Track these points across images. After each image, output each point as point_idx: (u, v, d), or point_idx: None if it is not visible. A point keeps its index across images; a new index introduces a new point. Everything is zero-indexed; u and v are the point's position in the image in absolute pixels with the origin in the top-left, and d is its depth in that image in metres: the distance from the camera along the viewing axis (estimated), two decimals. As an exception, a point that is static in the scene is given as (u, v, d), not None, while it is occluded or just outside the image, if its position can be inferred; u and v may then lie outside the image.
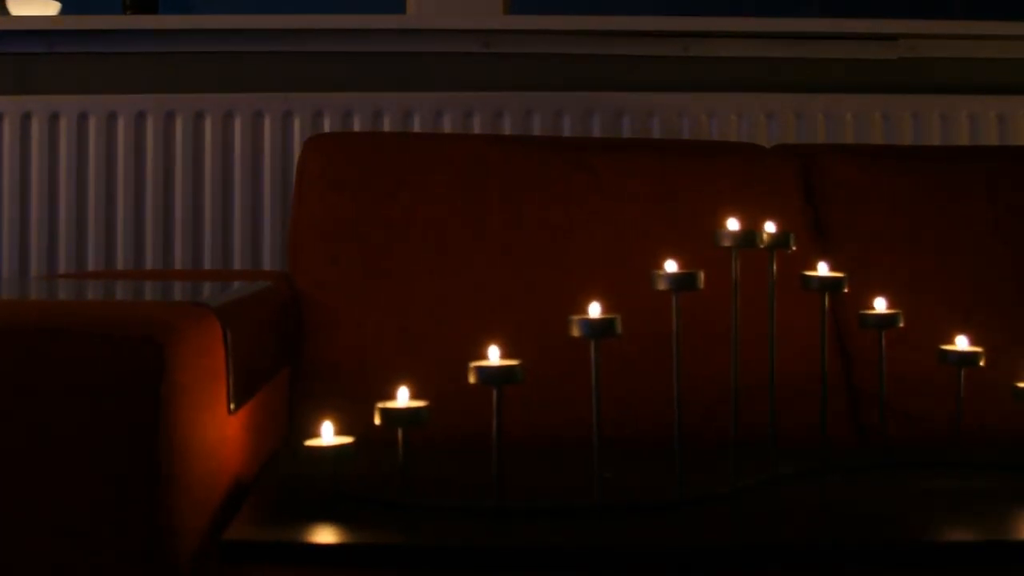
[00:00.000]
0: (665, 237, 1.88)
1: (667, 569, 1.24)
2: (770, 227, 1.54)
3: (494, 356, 1.38)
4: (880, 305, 1.65)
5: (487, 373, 1.35)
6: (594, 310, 1.38)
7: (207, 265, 2.58)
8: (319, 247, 1.95)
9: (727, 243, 1.49)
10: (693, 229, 1.53)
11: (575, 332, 1.36)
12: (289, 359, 1.85)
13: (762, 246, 1.50)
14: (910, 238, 2.03)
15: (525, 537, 1.29)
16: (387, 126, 2.58)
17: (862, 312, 1.65)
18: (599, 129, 2.59)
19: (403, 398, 1.41)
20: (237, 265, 2.57)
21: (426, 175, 2.00)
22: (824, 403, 1.60)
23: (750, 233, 1.49)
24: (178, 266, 2.58)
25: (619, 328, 1.37)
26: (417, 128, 2.58)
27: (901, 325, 1.62)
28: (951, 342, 1.65)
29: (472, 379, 1.35)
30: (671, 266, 1.44)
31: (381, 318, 1.88)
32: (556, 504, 1.37)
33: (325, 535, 1.27)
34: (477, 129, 2.58)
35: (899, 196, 2.07)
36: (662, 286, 1.41)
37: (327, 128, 2.58)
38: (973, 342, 1.65)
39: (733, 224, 1.50)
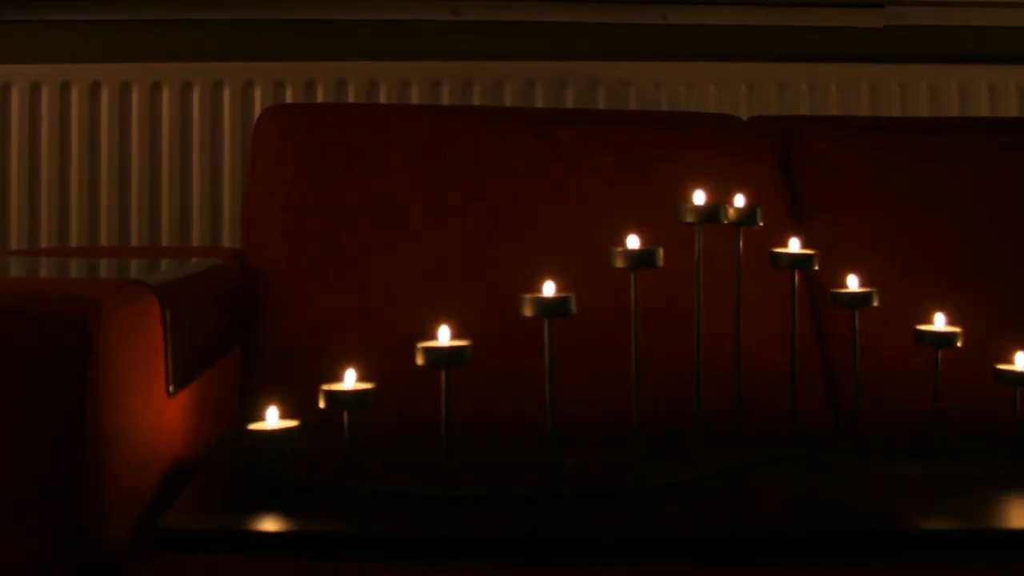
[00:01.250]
0: (631, 212, 1.86)
1: (622, 558, 1.23)
2: (739, 201, 1.53)
3: (443, 336, 1.37)
4: (853, 283, 1.64)
5: (434, 354, 1.35)
6: (548, 289, 1.37)
7: (165, 242, 2.57)
8: (273, 223, 1.94)
9: (690, 218, 1.48)
10: (661, 204, 1.52)
11: (528, 311, 1.36)
12: (241, 339, 1.85)
13: (727, 221, 1.49)
14: (891, 213, 2.03)
15: (475, 524, 1.28)
16: (351, 96, 2.57)
17: (834, 291, 1.65)
18: (572, 100, 2.58)
19: (349, 380, 1.41)
20: (195, 242, 2.56)
21: (385, 147, 1.99)
22: (794, 387, 1.60)
23: (714, 208, 1.48)
24: (134, 243, 2.57)
25: (573, 307, 1.36)
26: (383, 99, 2.57)
27: (875, 304, 1.62)
28: (932, 322, 1.64)
29: (419, 361, 1.35)
30: (632, 242, 1.43)
31: (337, 296, 1.87)
32: (508, 490, 1.37)
33: (265, 522, 1.27)
34: (445, 100, 2.57)
35: (880, 169, 2.07)
36: (620, 263, 1.41)
37: (289, 99, 2.57)
38: (956, 322, 1.65)
39: (698, 198, 1.49)
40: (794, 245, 1.59)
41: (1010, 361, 1.62)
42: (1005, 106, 2.63)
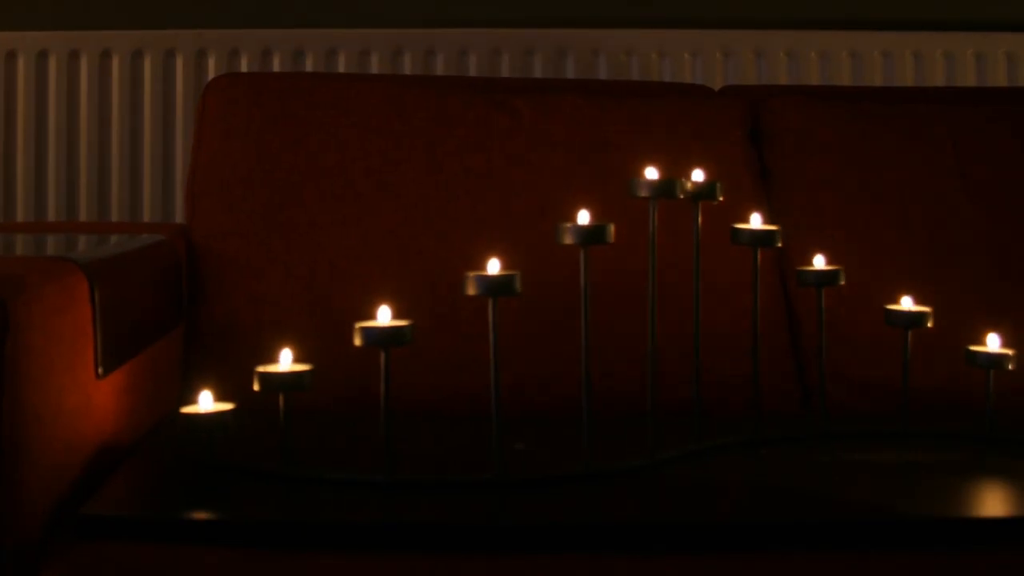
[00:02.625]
0: (593, 186, 1.87)
1: (569, 547, 1.23)
2: (697, 175, 1.53)
3: (383, 316, 1.37)
4: (819, 261, 1.64)
5: (373, 335, 1.34)
6: (492, 266, 1.37)
7: (115, 217, 2.56)
8: (218, 197, 1.94)
9: (643, 193, 1.47)
10: (624, 177, 1.51)
11: (471, 290, 1.36)
12: (183, 318, 1.84)
13: (682, 196, 1.49)
14: (866, 187, 2.02)
15: (413, 513, 1.28)
16: (309, 66, 2.56)
17: (800, 268, 1.65)
18: (540, 69, 2.57)
19: (285, 361, 1.40)
20: (147, 217, 2.56)
21: (336, 118, 1.99)
22: (756, 370, 1.60)
23: (669, 182, 1.47)
24: (83, 217, 2.56)
25: (518, 286, 1.36)
26: (342, 68, 2.56)
27: (842, 283, 1.62)
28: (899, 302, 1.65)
29: (357, 341, 1.35)
30: (582, 217, 1.43)
31: (283, 273, 1.87)
32: (450, 478, 1.37)
33: (191, 510, 1.27)
34: (407, 69, 2.56)
35: (854, 142, 2.06)
36: (568, 240, 1.40)
37: (244, 68, 2.56)
38: (931, 301, 1.65)
39: (652, 173, 1.49)
40: (756, 221, 1.58)
41: (984, 342, 1.62)
42: (993, 75, 2.63)
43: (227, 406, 1.41)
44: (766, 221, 1.76)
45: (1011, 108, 2.17)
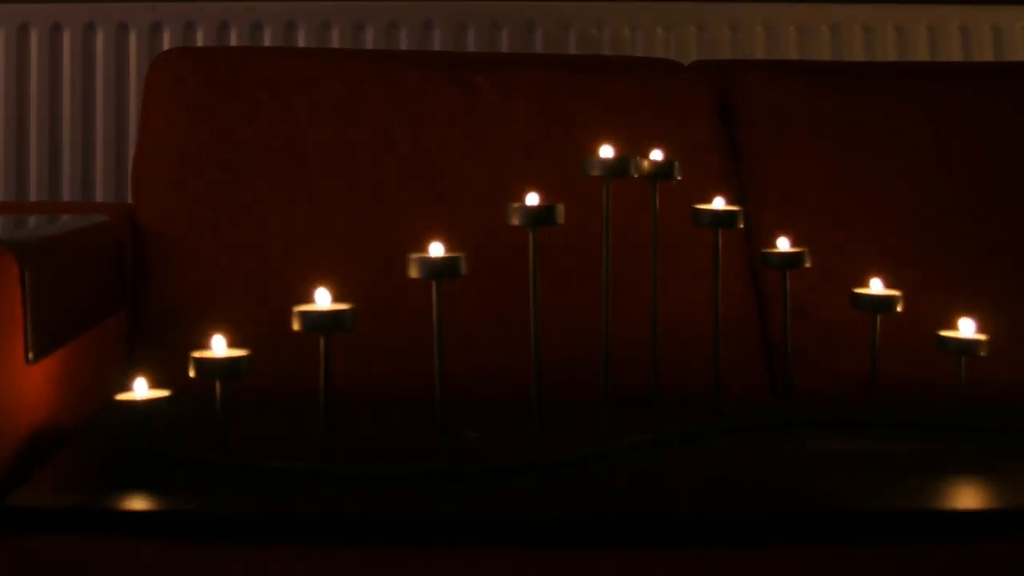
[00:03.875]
0: (554, 165, 1.86)
1: (517, 540, 1.23)
2: (655, 154, 1.53)
3: (322, 300, 1.37)
4: (784, 243, 1.64)
5: (312, 319, 1.35)
6: (436, 249, 1.37)
7: (67, 196, 2.56)
8: (165, 177, 1.94)
9: (596, 172, 1.48)
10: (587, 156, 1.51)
11: (413, 273, 1.36)
12: (126, 302, 1.84)
13: (637, 175, 1.49)
14: (839, 166, 2.02)
15: (353, 504, 1.28)
16: (268, 40, 2.56)
17: (764, 251, 1.65)
18: (508, 44, 2.57)
19: (219, 347, 1.40)
20: (100, 196, 2.55)
21: (289, 95, 1.98)
22: (717, 355, 1.60)
23: (623, 161, 1.47)
24: (34, 198, 2.56)
25: (463, 268, 1.36)
26: (302, 42, 2.56)
27: (808, 265, 1.62)
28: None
29: (296, 326, 1.35)
30: (531, 198, 1.43)
31: (231, 255, 1.87)
32: (391, 468, 1.37)
33: (125, 500, 1.27)
34: (369, 43, 2.55)
35: (828, 118, 2.06)
36: (516, 221, 1.41)
37: (201, 42, 2.55)
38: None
39: (606, 151, 1.49)
40: (718, 202, 1.59)
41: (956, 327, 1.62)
42: (978, 49, 2.63)
43: (163, 393, 1.40)
44: (733, 201, 1.76)
45: (992, 83, 2.17)
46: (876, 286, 1.64)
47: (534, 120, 1.98)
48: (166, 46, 2.54)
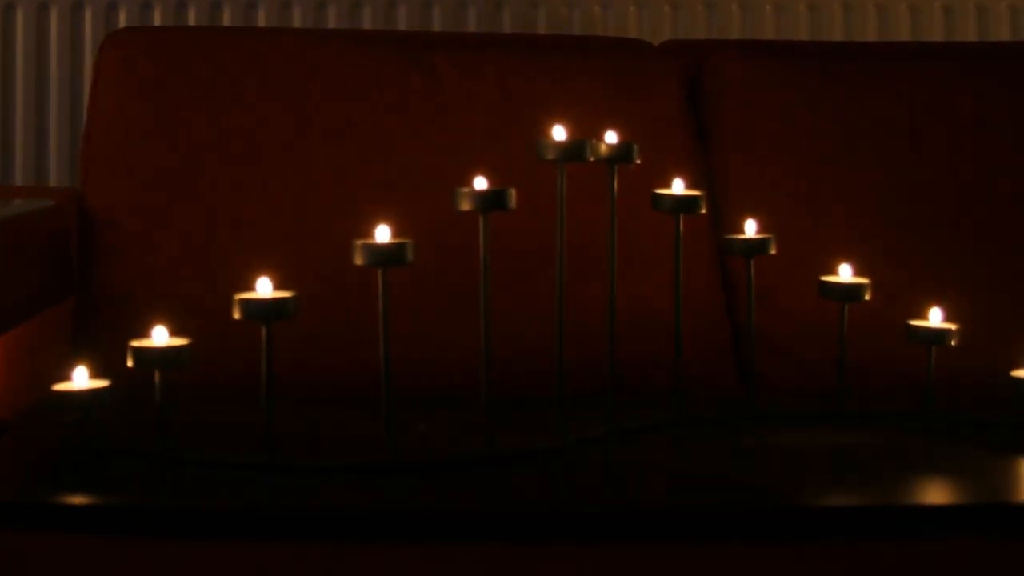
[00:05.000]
0: (515, 150, 1.86)
1: (463, 536, 1.24)
2: (610, 137, 1.53)
3: (264, 288, 1.37)
4: (750, 228, 1.64)
5: (253, 307, 1.35)
6: (382, 234, 1.38)
7: (19, 180, 2.56)
8: (113, 161, 1.94)
9: (550, 156, 1.48)
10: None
11: (358, 259, 1.36)
12: (73, 289, 1.84)
13: (593, 159, 1.49)
14: (811, 151, 2.03)
15: (295, 498, 1.29)
16: (227, 19, 2.56)
17: (727, 236, 1.66)
18: (475, 22, 2.57)
19: (160, 336, 1.41)
20: (53, 181, 2.56)
21: (242, 76, 1.98)
22: (678, 345, 1.60)
23: (579, 144, 1.48)
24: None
25: (410, 255, 1.36)
26: (261, 22, 2.55)
27: (773, 252, 1.62)
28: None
29: (236, 314, 1.35)
30: (480, 183, 1.43)
31: (181, 242, 1.87)
32: (335, 461, 1.37)
33: (61, 494, 1.27)
34: (332, 23, 2.55)
35: (800, 101, 2.06)
36: (466, 206, 1.41)
37: (157, 22, 2.55)
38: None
39: (559, 133, 1.49)
40: (678, 186, 1.59)
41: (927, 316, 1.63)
42: (962, 29, 2.63)
43: (103, 383, 1.40)
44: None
45: (974, 64, 2.17)
46: (845, 273, 1.64)
47: (497, 103, 1.98)
48: (88, 28, 2.54)
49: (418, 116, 1.97)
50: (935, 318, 1.62)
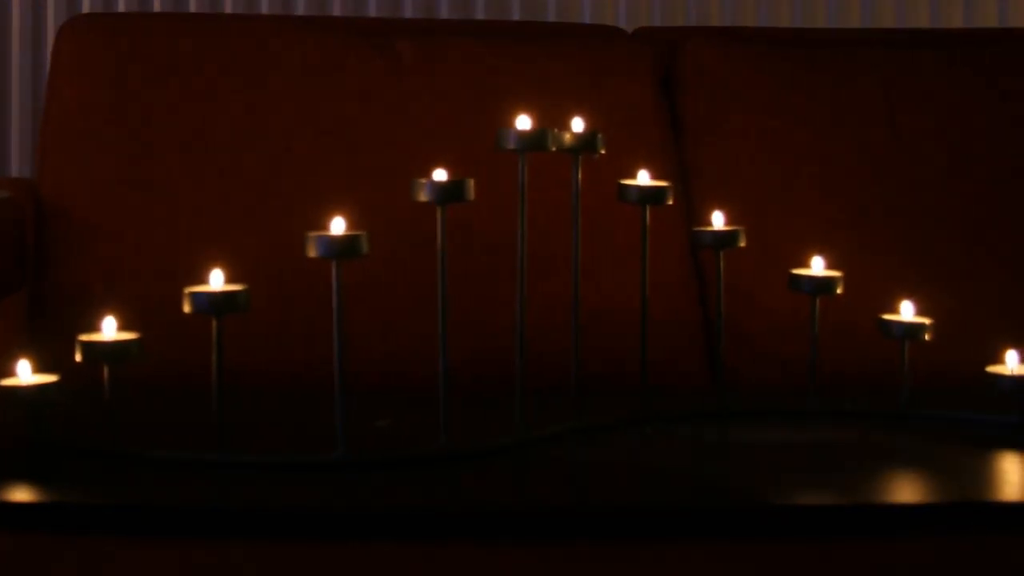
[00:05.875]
0: (480, 138, 1.86)
1: (407, 534, 1.24)
2: (576, 125, 1.53)
3: (215, 280, 1.38)
4: (718, 220, 1.64)
5: (203, 300, 1.35)
6: (336, 225, 1.38)
7: (-21, 171, 2.56)
8: (70, 150, 1.95)
9: (511, 145, 1.48)
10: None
11: (311, 251, 1.36)
12: (27, 282, 1.85)
13: (555, 148, 1.49)
14: (786, 140, 2.04)
15: (245, 495, 1.29)
16: (193, 6, 2.55)
17: (696, 229, 1.66)
18: (447, 9, 2.57)
19: (109, 330, 1.41)
20: (15, 171, 2.55)
21: (201, 64, 1.99)
22: (644, 340, 1.60)
23: (540, 133, 1.47)
24: (-55, 172, 2.56)
25: (364, 247, 1.36)
26: (229, 8, 2.55)
27: (742, 244, 1.62)
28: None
29: (186, 307, 1.35)
30: (439, 174, 1.43)
31: (137, 233, 1.88)
32: (288, 457, 1.37)
33: (6, 491, 1.27)
34: (300, 10, 2.55)
35: (775, 89, 2.07)
36: (423, 197, 1.41)
37: (123, 7, 2.54)
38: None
39: (523, 122, 1.49)
40: (643, 177, 1.59)
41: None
42: (948, 17, 2.63)
43: (51, 378, 1.41)
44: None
45: (954, 52, 2.18)
46: (817, 266, 1.64)
47: (461, 90, 1.99)
48: (51, 14, 2.53)
49: (381, 104, 1.98)
50: (908, 312, 1.62)
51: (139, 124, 1.93)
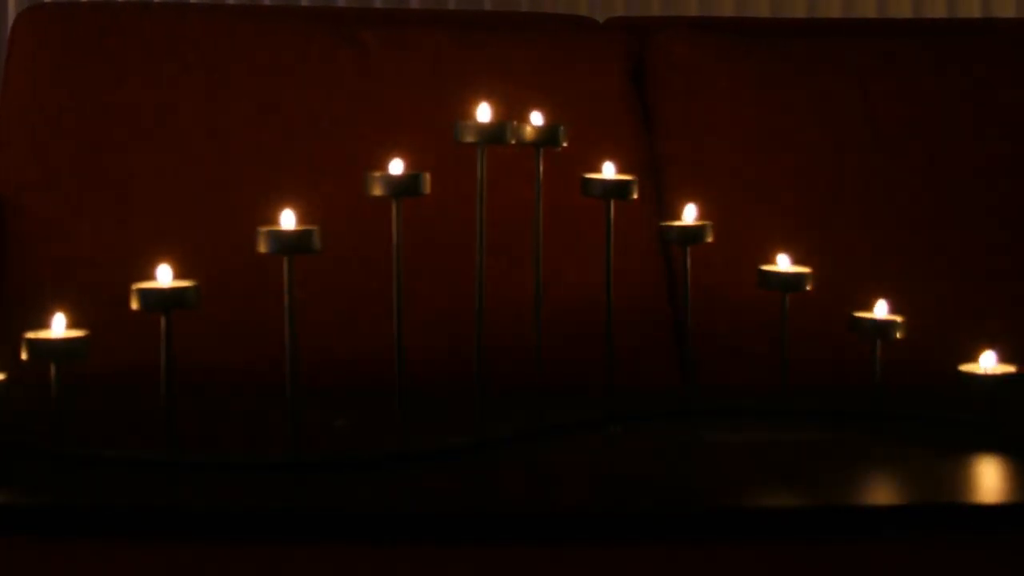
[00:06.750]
0: (445, 130, 1.86)
1: (367, 535, 1.24)
2: (536, 119, 1.54)
3: (164, 276, 1.38)
4: (689, 215, 1.65)
5: (151, 297, 1.35)
6: (287, 220, 1.38)
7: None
8: (26, 144, 1.95)
9: (470, 138, 1.48)
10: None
11: (262, 247, 1.37)
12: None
13: (515, 141, 1.50)
14: (760, 133, 2.04)
15: (193, 496, 1.30)
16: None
17: (663, 224, 1.66)
18: (419, -1, 2.58)
19: (58, 327, 1.41)
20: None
21: (162, 55, 1.99)
22: (609, 339, 1.61)
23: (500, 126, 1.48)
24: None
25: (317, 243, 1.37)
26: (198, -1, 2.55)
27: (710, 239, 1.63)
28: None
29: (134, 304, 1.36)
30: (395, 167, 1.44)
31: (94, 229, 1.88)
32: (235, 458, 1.38)
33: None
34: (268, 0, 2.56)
35: (748, 81, 2.07)
36: (378, 191, 1.42)
37: (49, -1, 2.55)
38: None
39: (483, 114, 1.50)
40: (608, 170, 1.59)
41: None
42: (930, 5, 2.64)
43: (-2, 375, 1.41)
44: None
45: (934, 43, 2.18)
46: (783, 263, 1.64)
47: (427, 81, 1.99)
48: (11, 2, 2.53)
49: (345, 95, 1.98)
50: (880, 310, 1.62)
51: (95, 117, 1.93)
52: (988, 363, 1.56)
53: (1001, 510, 1.31)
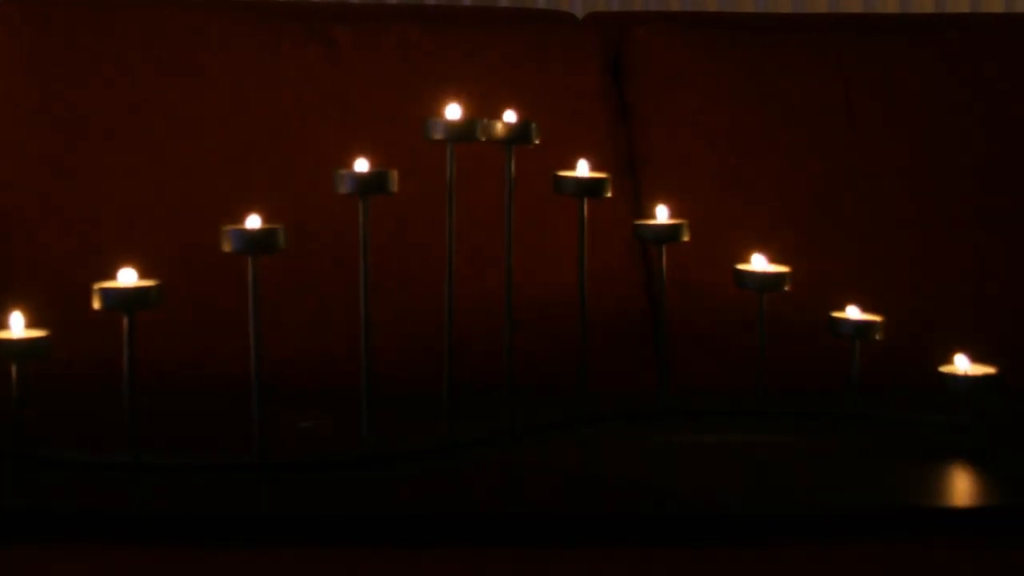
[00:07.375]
0: (417, 127, 1.87)
1: (325, 539, 1.24)
2: (508, 116, 1.54)
3: (127, 276, 1.38)
4: (662, 214, 1.65)
5: (113, 296, 1.36)
6: (251, 220, 1.38)
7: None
8: (-6, 139, 1.95)
9: (439, 136, 1.48)
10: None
11: (226, 246, 1.37)
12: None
13: (485, 139, 1.50)
14: (739, 130, 2.04)
15: (153, 499, 1.30)
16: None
17: (638, 222, 1.66)
18: (398, -6, 2.57)
19: (17, 326, 1.41)
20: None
21: (130, 51, 2.00)
22: (583, 338, 1.60)
23: (469, 123, 1.48)
24: None
25: (282, 242, 1.37)
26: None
27: (686, 239, 1.63)
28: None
29: (96, 303, 1.36)
30: (360, 164, 1.44)
31: (63, 229, 1.88)
32: (199, 460, 1.38)
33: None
34: (242, -8, 2.55)
35: (727, 76, 2.07)
36: (344, 189, 1.42)
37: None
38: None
39: (452, 111, 1.50)
40: (582, 168, 1.59)
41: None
42: (919, 2, 2.64)
43: (-46, 377, 1.41)
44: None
45: (916, 37, 2.18)
46: (759, 262, 1.65)
47: (400, 78, 1.99)
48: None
49: (316, 92, 1.98)
50: (852, 313, 1.62)
51: (65, 113, 1.93)
52: (965, 364, 1.56)
53: (976, 513, 1.31)
